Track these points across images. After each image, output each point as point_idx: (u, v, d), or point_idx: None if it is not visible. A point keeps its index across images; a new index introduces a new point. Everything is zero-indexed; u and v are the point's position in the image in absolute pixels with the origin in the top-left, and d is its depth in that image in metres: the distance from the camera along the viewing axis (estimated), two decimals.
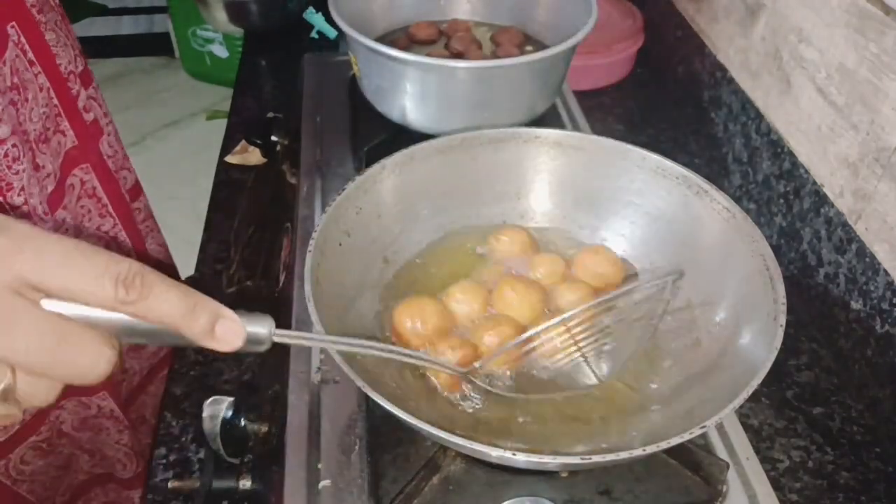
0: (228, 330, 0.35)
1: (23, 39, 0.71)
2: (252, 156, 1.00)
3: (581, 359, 0.57)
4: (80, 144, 0.81)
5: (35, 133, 0.73)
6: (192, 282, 0.84)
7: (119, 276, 0.32)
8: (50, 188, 0.75)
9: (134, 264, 0.33)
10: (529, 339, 0.55)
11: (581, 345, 0.57)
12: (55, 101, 0.77)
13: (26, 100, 0.72)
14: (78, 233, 0.82)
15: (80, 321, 0.32)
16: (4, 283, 0.30)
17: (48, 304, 0.32)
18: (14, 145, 0.67)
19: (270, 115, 0.99)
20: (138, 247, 0.92)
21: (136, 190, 0.97)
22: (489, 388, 0.54)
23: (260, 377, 0.73)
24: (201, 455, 0.66)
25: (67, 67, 0.79)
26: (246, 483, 0.58)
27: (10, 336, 0.31)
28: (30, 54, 0.72)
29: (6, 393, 0.31)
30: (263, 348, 0.37)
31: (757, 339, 0.51)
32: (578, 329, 0.56)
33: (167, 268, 1.06)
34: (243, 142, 1.01)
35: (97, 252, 0.32)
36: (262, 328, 0.37)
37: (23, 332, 0.31)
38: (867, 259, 0.69)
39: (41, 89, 0.75)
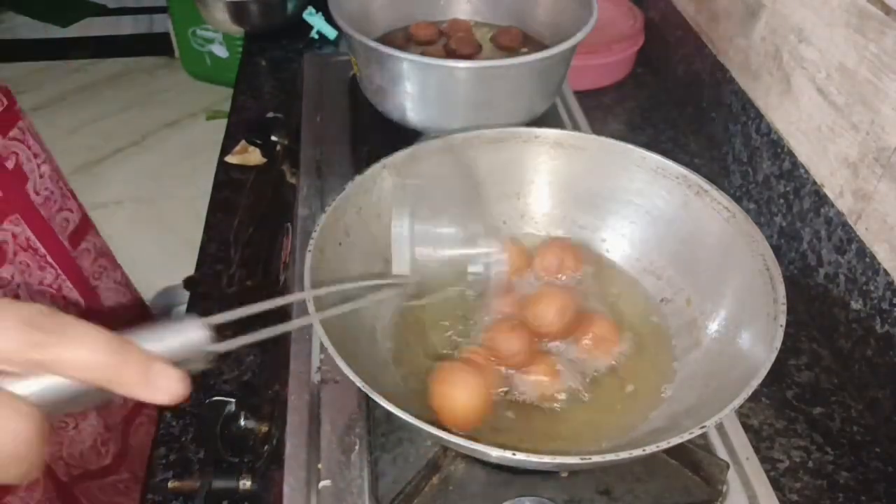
0: (167, 376, 0.29)
1: None
2: (252, 156, 1.00)
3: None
4: (4, 195, 0.74)
5: None
6: (193, 282, 0.84)
7: (24, 318, 0.27)
8: None
9: (39, 305, 0.27)
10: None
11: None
12: None
13: None
14: (29, 289, 0.77)
15: None
16: None
17: None
18: None
19: (270, 115, 0.99)
20: (87, 296, 0.86)
21: (84, 228, 0.89)
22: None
23: (260, 377, 0.73)
24: (201, 455, 0.66)
25: None
26: (246, 483, 0.58)
27: None
28: None
29: None
30: (203, 362, 0.32)
31: (757, 339, 0.51)
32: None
33: (131, 305, 0.99)
34: (243, 142, 1.01)
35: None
36: (195, 334, 0.31)
37: None
38: (867, 259, 0.69)
39: None
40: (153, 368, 0.29)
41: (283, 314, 0.67)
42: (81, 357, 0.27)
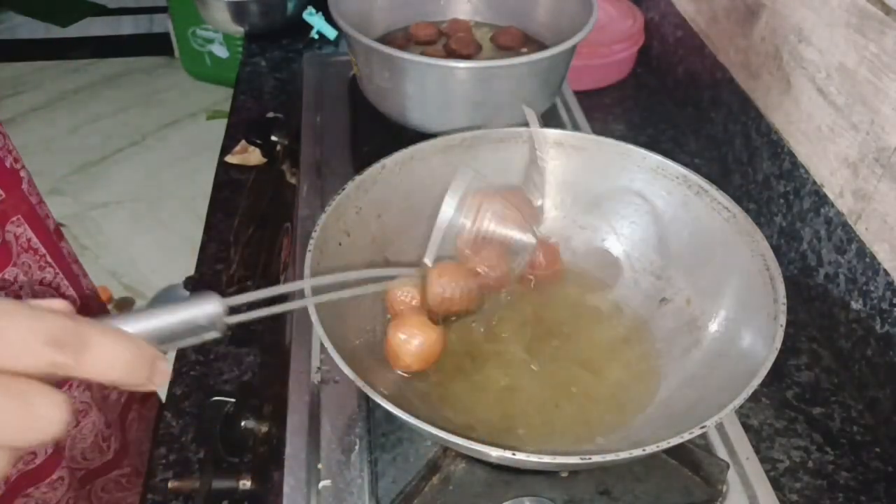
0: (163, 374, 0.32)
1: None
2: (252, 156, 1.00)
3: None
4: (7, 196, 0.74)
5: None
6: (193, 282, 0.84)
7: (51, 335, 0.27)
8: None
9: (63, 319, 0.28)
10: None
11: None
12: None
13: None
14: (31, 288, 0.77)
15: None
16: None
17: None
18: None
19: (270, 115, 0.99)
20: (80, 292, 0.87)
21: (59, 232, 0.89)
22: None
23: (260, 377, 0.73)
24: (201, 455, 0.66)
25: None
26: (246, 483, 0.58)
27: None
28: None
29: None
30: (217, 332, 0.35)
31: (757, 339, 0.51)
32: None
33: (99, 306, 0.99)
34: (243, 142, 1.01)
35: (18, 308, 0.28)
36: (210, 308, 0.34)
37: None
38: (867, 259, 0.69)
39: None
40: (156, 369, 0.31)
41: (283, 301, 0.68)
42: (99, 373, 0.29)
